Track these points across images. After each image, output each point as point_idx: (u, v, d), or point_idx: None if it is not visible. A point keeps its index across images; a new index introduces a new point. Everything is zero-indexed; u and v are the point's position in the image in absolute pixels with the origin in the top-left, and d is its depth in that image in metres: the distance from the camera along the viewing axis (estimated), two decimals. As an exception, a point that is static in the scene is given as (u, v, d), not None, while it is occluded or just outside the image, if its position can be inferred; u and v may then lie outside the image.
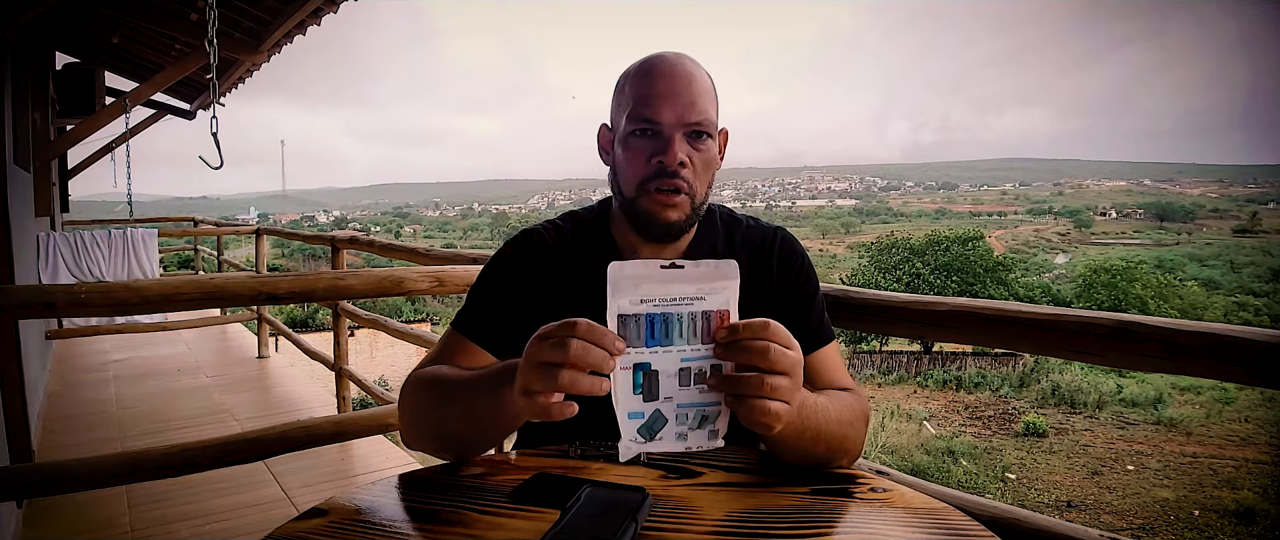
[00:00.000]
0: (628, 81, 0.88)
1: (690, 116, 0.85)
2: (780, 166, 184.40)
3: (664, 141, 0.85)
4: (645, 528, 0.62)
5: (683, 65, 0.87)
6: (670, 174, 0.84)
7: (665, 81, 0.85)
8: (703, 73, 0.88)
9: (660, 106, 0.84)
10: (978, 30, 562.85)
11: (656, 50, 0.91)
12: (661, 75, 0.85)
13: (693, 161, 0.86)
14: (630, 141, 0.87)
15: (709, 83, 0.88)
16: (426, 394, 0.82)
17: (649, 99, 0.85)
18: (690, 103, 0.84)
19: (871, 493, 0.72)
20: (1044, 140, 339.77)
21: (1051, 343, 1.02)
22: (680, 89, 0.85)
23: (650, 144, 0.85)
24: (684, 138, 0.85)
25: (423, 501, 0.72)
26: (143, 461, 1.50)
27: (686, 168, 0.85)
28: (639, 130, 0.86)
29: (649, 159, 0.85)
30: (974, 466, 16.74)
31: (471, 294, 0.94)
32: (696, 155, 0.86)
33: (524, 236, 0.95)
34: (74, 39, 5.27)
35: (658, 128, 0.85)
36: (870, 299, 1.26)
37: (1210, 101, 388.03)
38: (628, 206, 0.89)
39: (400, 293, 1.79)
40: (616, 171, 0.90)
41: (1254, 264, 46.56)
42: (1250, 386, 2.10)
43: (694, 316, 0.62)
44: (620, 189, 0.90)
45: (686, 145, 0.85)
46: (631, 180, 0.87)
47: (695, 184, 0.87)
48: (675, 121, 0.84)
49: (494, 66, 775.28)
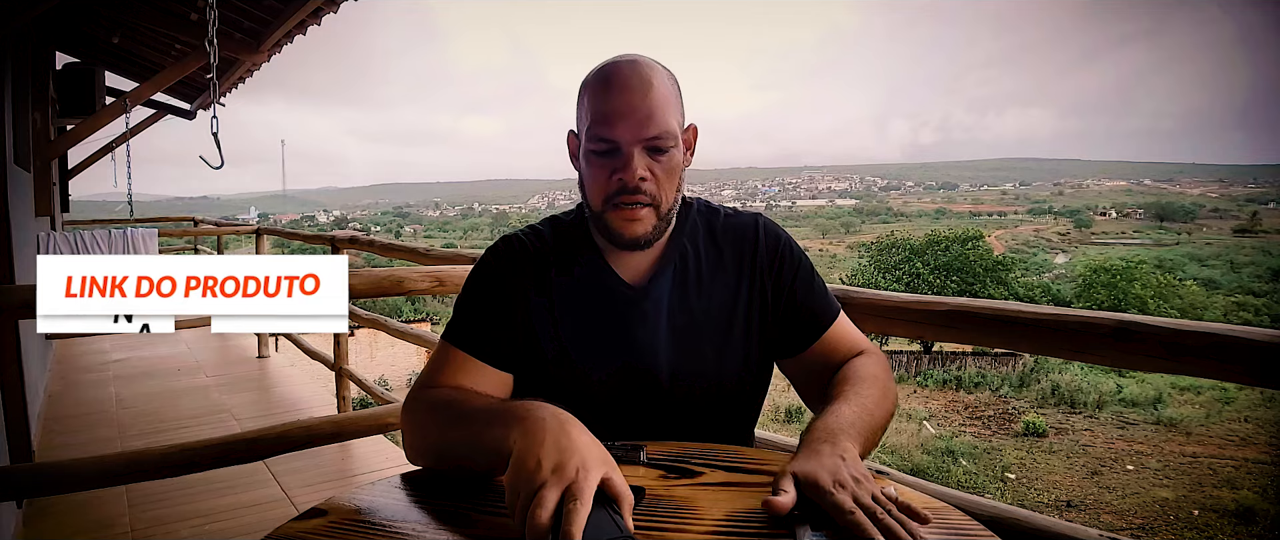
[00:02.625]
0: (585, 92, 0.87)
1: (648, 131, 0.84)
2: (780, 166, 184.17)
3: (623, 159, 0.84)
4: (645, 528, 0.62)
5: (638, 75, 0.85)
6: (631, 190, 0.84)
7: (621, 97, 0.84)
8: (661, 77, 0.86)
9: (617, 124, 0.83)
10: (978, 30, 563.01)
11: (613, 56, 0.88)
12: (617, 89, 0.84)
13: (655, 173, 0.85)
14: (591, 159, 0.86)
15: (669, 87, 0.87)
16: (430, 417, 0.82)
17: (606, 117, 0.84)
18: (647, 116, 0.83)
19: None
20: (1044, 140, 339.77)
21: (1052, 343, 1.02)
22: (636, 104, 0.83)
23: (610, 162, 0.85)
24: (644, 151, 0.84)
25: (423, 501, 0.72)
26: (143, 461, 1.50)
27: (648, 181, 0.85)
28: (597, 150, 0.85)
29: (610, 176, 0.85)
30: (974, 466, 16.75)
31: (459, 305, 0.93)
32: (658, 166, 0.85)
33: (505, 243, 0.95)
34: (74, 39, 5.26)
35: (616, 145, 0.84)
36: (870, 299, 1.26)
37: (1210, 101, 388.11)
38: (596, 219, 0.89)
39: (400, 292, 1.79)
40: (582, 182, 0.90)
41: (1254, 264, 46.54)
42: (1250, 386, 2.10)
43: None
44: (588, 200, 0.90)
45: (646, 159, 0.85)
46: (596, 197, 0.87)
47: (659, 194, 0.86)
48: (633, 138, 0.84)
49: (495, 66, 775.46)
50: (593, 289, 0.91)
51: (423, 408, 0.84)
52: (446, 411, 0.81)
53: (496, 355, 0.89)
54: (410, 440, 0.84)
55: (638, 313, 0.90)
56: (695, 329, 0.90)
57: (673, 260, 0.92)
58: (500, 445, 0.68)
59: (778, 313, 0.93)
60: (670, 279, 0.91)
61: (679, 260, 0.92)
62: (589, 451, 0.64)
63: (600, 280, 0.91)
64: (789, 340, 0.93)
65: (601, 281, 0.91)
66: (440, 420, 0.81)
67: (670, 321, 0.90)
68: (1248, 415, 19.01)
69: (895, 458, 16.39)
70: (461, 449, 0.75)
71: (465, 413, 0.78)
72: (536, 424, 0.67)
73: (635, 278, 0.92)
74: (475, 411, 0.77)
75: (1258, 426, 18.32)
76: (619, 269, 0.92)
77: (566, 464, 0.62)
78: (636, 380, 0.89)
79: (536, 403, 0.71)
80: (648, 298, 0.90)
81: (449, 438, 0.78)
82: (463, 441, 0.75)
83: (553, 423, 0.67)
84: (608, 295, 0.91)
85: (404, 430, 0.86)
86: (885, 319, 1.25)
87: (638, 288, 0.91)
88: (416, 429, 0.83)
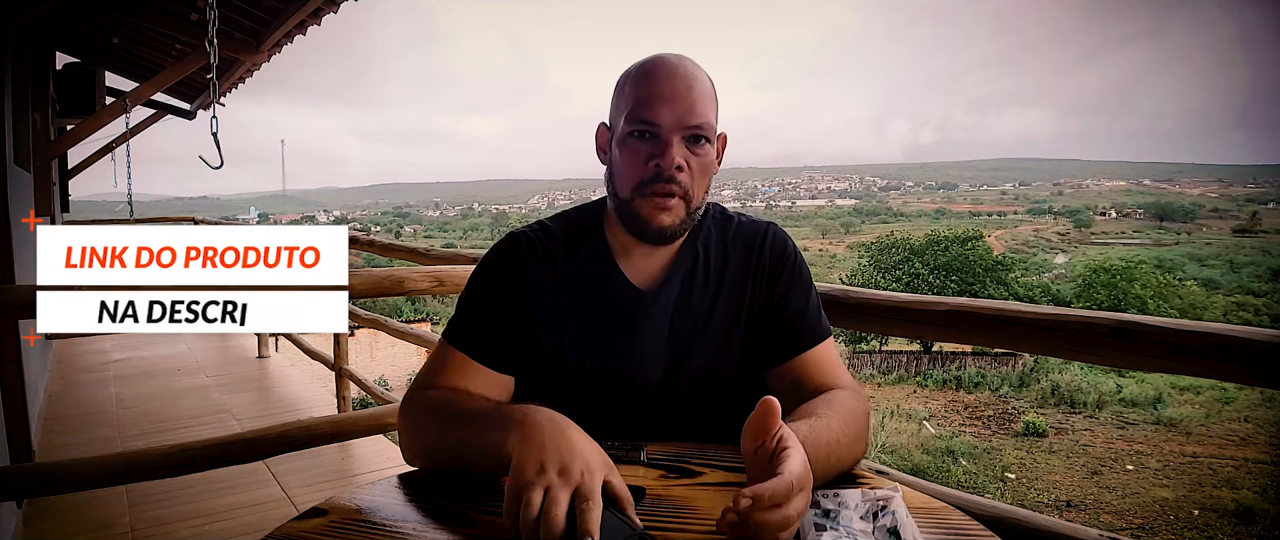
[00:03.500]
0: (628, 82, 0.87)
1: (689, 120, 0.84)
2: (780, 166, 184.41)
3: (662, 144, 0.84)
4: (645, 528, 0.62)
5: (684, 67, 0.86)
6: (666, 178, 0.84)
7: (665, 83, 0.84)
8: (703, 75, 0.87)
9: (659, 109, 0.83)
10: (977, 30, 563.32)
11: (657, 51, 0.90)
12: (662, 77, 0.84)
13: (690, 165, 0.85)
14: (628, 143, 0.86)
15: (709, 86, 0.87)
16: (427, 418, 0.82)
17: (648, 101, 0.84)
18: (690, 106, 0.84)
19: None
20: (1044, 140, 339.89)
21: (1051, 343, 1.02)
22: (680, 92, 0.84)
23: (648, 146, 0.84)
24: (682, 141, 0.84)
25: (423, 501, 0.72)
26: (143, 461, 1.50)
27: (683, 171, 0.84)
28: (637, 132, 0.85)
29: (646, 161, 0.84)
30: (973, 466, 16.74)
31: (461, 303, 0.92)
32: (694, 159, 0.85)
33: (510, 241, 0.93)
34: (74, 39, 5.26)
35: (656, 130, 0.84)
36: (870, 299, 1.26)
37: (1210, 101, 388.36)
38: (622, 208, 0.88)
39: (400, 292, 1.79)
40: (613, 172, 0.89)
41: (1254, 264, 46.56)
42: (1250, 386, 2.10)
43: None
44: (616, 190, 0.89)
45: (684, 149, 0.84)
46: (628, 182, 0.86)
47: (691, 188, 0.86)
48: (674, 124, 0.84)
49: (495, 66, 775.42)
50: (599, 291, 0.90)
51: (419, 409, 0.83)
52: (443, 414, 0.80)
53: (496, 358, 0.88)
54: (407, 441, 0.84)
55: (643, 317, 0.89)
56: (697, 333, 0.90)
57: (683, 267, 0.91)
58: (498, 449, 0.67)
59: (765, 317, 0.91)
60: (678, 285, 0.90)
61: (688, 266, 0.91)
62: (590, 453, 0.64)
63: (608, 282, 0.90)
64: (767, 349, 0.90)
65: (609, 283, 0.90)
66: (437, 423, 0.80)
67: (674, 326, 0.89)
68: (1248, 415, 19.00)
69: (895, 458, 16.39)
70: (458, 451, 0.75)
71: (462, 415, 0.77)
72: (534, 427, 0.67)
73: (644, 281, 0.91)
74: (472, 414, 0.76)
75: (1258, 426, 18.31)
76: (628, 271, 0.91)
77: (571, 466, 0.62)
78: (636, 382, 0.89)
79: (533, 406, 0.71)
80: (656, 302, 0.89)
81: (446, 440, 0.78)
82: (460, 444, 0.75)
83: (550, 426, 0.67)
84: (614, 298, 0.90)
85: (400, 431, 0.85)
86: (885, 319, 1.25)
87: (645, 292, 0.90)
88: (413, 431, 0.83)
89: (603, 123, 0.93)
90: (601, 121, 0.93)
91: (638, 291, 0.90)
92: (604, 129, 0.92)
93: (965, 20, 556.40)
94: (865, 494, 0.64)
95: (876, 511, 0.63)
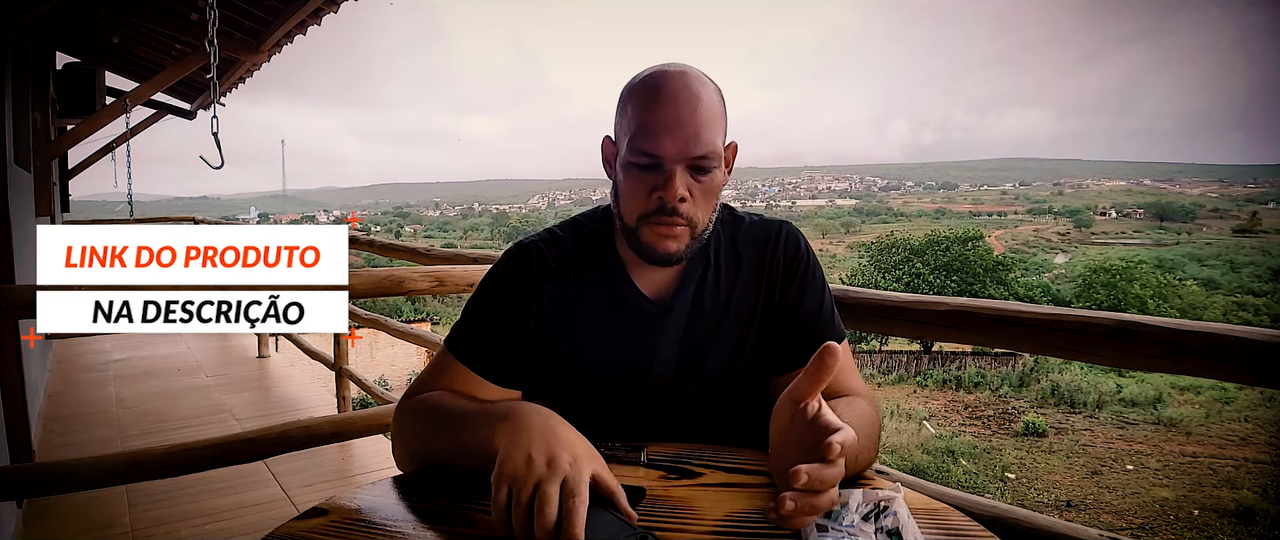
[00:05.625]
0: (630, 100, 0.83)
1: (694, 150, 0.80)
2: (780, 166, 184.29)
3: (665, 176, 0.81)
4: (646, 528, 0.62)
5: (688, 88, 0.81)
6: (670, 210, 0.81)
7: (668, 109, 0.80)
8: (710, 91, 0.83)
9: (662, 139, 0.79)
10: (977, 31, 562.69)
11: (661, 62, 0.85)
12: (664, 101, 0.80)
13: (694, 194, 0.82)
14: (630, 171, 0.83)
15: (717, 103, 0.83)
16: (415, 424, 0.81)
17: (650, 130, 0.80)
18: (694, 134, 0.80)
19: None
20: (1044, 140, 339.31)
21: (1052, 343, 1.02)
22: (684, 118, 0.79)
23: (651, 177, 0.81)
24: (686, 170, 0.81)
25: (423, 501, 0.72)
26: (143, 461, 1.50)
27: (687, 202, 0.82)
28: (639, 163, 0.82)
29: (649, 193, 0.82)
30: (973, 466, 16.75)
31: (466, 312, 0.90)
32: (698, 187, 0.82)
33: (520, 251, 0.91)
34: (74, 39, 5.26)
35: (659, 161, 0.81)
36: (870, 299, 1.26)
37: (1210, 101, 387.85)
38: (628, 233, 0.85)
39: (400, 292, 1.79)
40: (617, 195, 0.87)
41: (1254, 264, 46.56)
42: (1250, 386, 2.10)
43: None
44: (621, 213, 0.86)
45: (688, 178, 0.81)
46: (632, 211, 0.84)
47: (696, 216, 0.83)
48: (677, 155, 0.80)
49: (496, 66, 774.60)
50: (611, 302, 0.89)
51: (408, 415, 0.83)
52: (430, 419, 0.79)
53: (497, 371, 0.86)
54: (397, 447, 0.83)
55: (657, 326, 0.87)
56: (711, 337, 0.88)
57: (695, 276, 0.89)
58: (485, 446, 0.67)
59: (779, 319, 0.89)
60: (691, 292, 0.89)
61: (700, 273, 0.89)
62: (578, 446, 0.64)
63: (620, 294, 0.89)
64: (781, 352, 0.88)
65: (621, 295, 0.88)
66: (425, 426, 0.80)
67: (688, 332, 0.88)
68: (1248, 415, 19.01)
69: (895, 458, 16.39)
70: (450, 451, 0.75)
71: (450, 417, 0.77)
72: (521, 420, 0.66)
73: (656, 292, 0.89)
74: (459, 415, 0.76)
75: (1257, 426, 18.32)
76: (640, 283, 0.89)
77: (558, 457, 0.61)
78: (651, 388, 0.88)
79: (521, 402, 0.70)
80: (669, 312, 0.88)
81: (435, 444, 0.77)
82: (449, 445, 0.74)
83: (537, 419, 0.67)
84: (627, 309, 0.88)
85: (393, 435, 0.85)
86: (885, 319, 1.25)
87: (658, 303, 0.88)
88: (402, 436, 0.82)
89: (608, 136, 0.90)
90: (607, 135, 0.90)
91: (651, 302, 0.88)
92: (609, 143, 0.89)
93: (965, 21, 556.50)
94: (867, 494, 0.64)
95: (878, 512, 0.63)
